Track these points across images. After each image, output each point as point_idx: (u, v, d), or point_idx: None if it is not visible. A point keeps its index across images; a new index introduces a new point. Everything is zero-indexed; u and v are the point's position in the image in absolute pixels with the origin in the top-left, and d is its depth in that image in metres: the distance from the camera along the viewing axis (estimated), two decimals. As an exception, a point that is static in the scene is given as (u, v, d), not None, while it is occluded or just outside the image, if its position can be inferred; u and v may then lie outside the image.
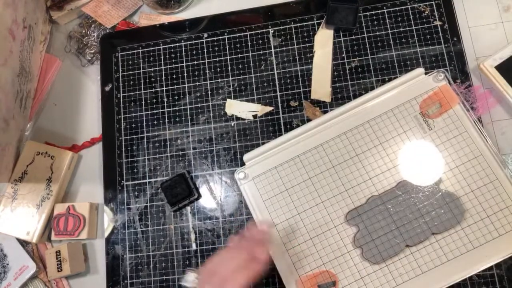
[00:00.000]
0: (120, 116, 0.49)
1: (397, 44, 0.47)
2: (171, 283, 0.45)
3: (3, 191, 0.48)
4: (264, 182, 0.43)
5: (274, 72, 0.48)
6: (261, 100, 0.48)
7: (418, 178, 0.41)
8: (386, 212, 0.41)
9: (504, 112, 0.45)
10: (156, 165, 0.48)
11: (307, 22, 0.49)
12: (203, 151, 0.47)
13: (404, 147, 0.42)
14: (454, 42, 0.46)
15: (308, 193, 0.42)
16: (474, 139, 0.41)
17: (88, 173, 0.50)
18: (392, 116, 0.43)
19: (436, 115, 0.42)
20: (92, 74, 0.53)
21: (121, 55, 0.51)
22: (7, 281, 0.47)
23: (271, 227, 0.42)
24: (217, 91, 0.49)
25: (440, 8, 0.47)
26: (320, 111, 0.46)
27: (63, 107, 0.52)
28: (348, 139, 0.43)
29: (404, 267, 0.40)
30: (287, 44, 0.49)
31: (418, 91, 0.43)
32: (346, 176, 0.42)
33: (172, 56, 0.50)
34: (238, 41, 0.49)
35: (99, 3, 0.53)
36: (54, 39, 0.55)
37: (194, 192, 0.46)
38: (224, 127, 0.48)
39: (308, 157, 0.43)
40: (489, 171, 0.41)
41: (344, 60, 0.47)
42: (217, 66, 0.49)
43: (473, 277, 0.41)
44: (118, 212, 0.47)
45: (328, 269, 0.41)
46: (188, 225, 0.46)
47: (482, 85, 0.45)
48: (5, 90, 0.44)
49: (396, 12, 0.47)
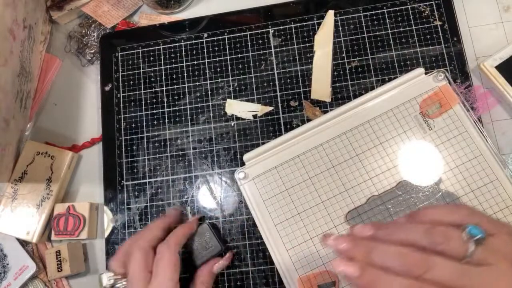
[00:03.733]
0: (120, 116, 0.49)
1: (397, 44, 0.47)
2: (171, 283, 0.44)
3: (3, 191, 0.48)
4: (264, 182, 0.43)
5: (274, 72, 0.48)
6: (261, 100, 0.48)
7: (418, 178, 0.41)
8: (386, 212, 0.41)
9: (504, 112, 0.45)
10: (156, 165, 0.48)
11: (307, 22, 0.49)
12: (203, 151, 0.47)
13: (404, 147, 0.42)
14: (454, 42, 0.46)
15: (308, 193, 0.42)
16: (474, 139, 0.41)
17: (88, 173, 0.50)
18: (392, 116, 0.43)
19: (436, 115, 0.42)
20: (92, 74, 0.53)
21: (121, 55, 0.51)
22: (7, 281, 0.47)
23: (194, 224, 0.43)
24: (217, 91, 0.49)
25: (440, 8, 0.47)
26: (320, 111, 0.46)
27: (63, 107, 0.52)
28: (348, 139, 0.43)
29: (404, 267, 0.40)
30: (287, 44, 0.49)
31: (418, 91, 0.43)
32: (346, 176, 0.42)
33: (172, 56, 0.50)
34: (238, 41, 0.49)
35: (99, 3, 0.53)
36: (54, 39, 0.55)
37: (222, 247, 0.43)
38: (224, 127, 0.48)
39: (308, 157, 0.43)
40: (489, 171, 0.41)
41: (344, 60, 0.47)
42: (217, 66, 0.49)
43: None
44: (118, 212, 0.47)
45: (328, 269, 0.41)
46: (188, 225, 0.46)
47: (482, 85, 0.45)
48: (5, 90, 0.44)
49: (396, 12, 0.47)
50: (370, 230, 0.30)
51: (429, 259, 0.26)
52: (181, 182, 0.47)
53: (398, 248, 0.27)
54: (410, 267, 0.26)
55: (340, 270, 0.28)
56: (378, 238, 0.29)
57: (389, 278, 0.26)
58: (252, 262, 0.44)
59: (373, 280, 0.27)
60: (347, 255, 0.29)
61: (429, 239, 0.27)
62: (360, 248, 0.28)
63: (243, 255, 0.44)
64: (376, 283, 0.26)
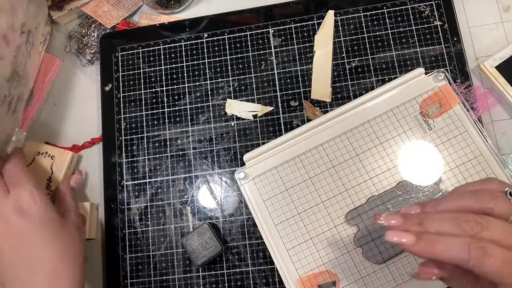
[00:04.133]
0: (120, 116, 0.49)
1: (397, 44, 0.47)
2: (171, 283, 0.45)
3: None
4: (264, 182, 0.43)
5: (274, 72, 0.48)
6: (261, 100, 0.48)
7: (418, 178, 0.41)
8: (386, 212, 0.41)
9: (504, 112, 0.45)
10: (156, 165, 0.48)
11: (307, 22, 0.49)
12: (203, 151, 0.47)
13: (404, 147, 0.42)
14: (454, 42, 0.46)
15: (308, 193, 0.43)
16: (474, 139, 0.41)
17: (88, 173, 0.50)
18: (392, 116, 0.43)
19: (436, 115, 0.42)
20: (92, 74, 0.53)
21: (121, 55, 0.51)
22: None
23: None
24: (217, 91, 0.49)
25: (440, 8, 0.47)
26: (320, 111, 0.46)
27: (63, 107, 0.52)
28: (348, 139, 0.43)
29: (404, 267, 0.40)
30: (287, 44, 0.49)
31: (418, 91, 0.43)
32: (346, 176, 0.42)
33: (172, 56, 0.50)
34: (238, 41, 0.49)
35: (99, 3, 0.53)
36: (54, 39, 0.55)
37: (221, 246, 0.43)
38: (224, 127, 0.48)
39: (308, 157, 0.43)
40: (489, 171, 0.41)
41: (344, 60, 0.47)
42: (217, 66, 0.49)
43: (473, 277, 0.41)
44: (118, 212, 0.47)
45: (328, 269, 0.41)
46: (188, 225, 0.46)
47: (482, 85, 0.45)
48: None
49: (396, 12, 0.47)
50: (417, 209, 0.30)
51: (483, 218, 0.26)
52: (181, 182, 0.47)
53: (450, 213, 0.27)
54: (465, 228, 0.26)
55: (395, 240, 0.27)
56: (426, 212, 0.29)
57: (448, 238, 0.26)
58: (252, 262, 0.44)
59: (431, 243, 0.26)
60: (400, 229, 0.28)
61: (477, 200, 0.27)
62: (413, 220, 0.28)
63: (243, 255, 0.44)
64: (435, 245, 0.26)
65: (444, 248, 0.26)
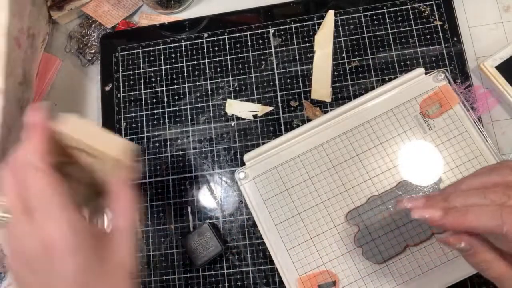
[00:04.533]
0: (120, 116, 0.49)
1: (397, 44, 0.47)
2: (171, 283, 0.45)
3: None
4: (264, 182, 0.43)
5: (274, 72, 0.48)
6: (261, 100, 0.48)
7: (418, 178, 0.41)
8: (386, 212, 0.41)
9: (504, 112, 0.45)
10: (156, 165, 0.48)
11: (307, 22, 0.49)
12: (203, 151, 0.47)
13: (404, 147, 0.42)
14: (454, 42, 0.46)
15: (308, 193, 0.43)
16: (474, 139, 0.41)
17: (88, 173, 0.50)
18: (392, 116, 0.43)
19: (436, 115, 0.43)
20: (92, 74, 0.53)
21: (121, 55, 0.51)
22: (8, 281, 0.47)
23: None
24: (217, 91, 0.49)
25: (440, 8, 0.47)
26: (320, 111, 0.46)
27: (63, 107, 0.52)
28: (348, 139, 0.43)
29: (405, 267, 0.40)
30: (287, 44, 0.49)
31: (418, 91, 0.43)
32: (346, 176, 0.42)
33: (172, 56, 0.50)
34: (238, 41, 0.49)
35: (99, 3, 0.53)
36: (54, 39, 0.55)
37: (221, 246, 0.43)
38: (224, 127, 0.48)
39: (308, 157, 0.43)
40: (489, 171, 0.41)
41: (344, 60, 0.47)
42: (217, 66, 0.49)
43: (473, 277, 0.41)
44: (118, 212, 0.47)
45: (328, 269, 0.41)
46: (188, 225, 0.46)
47: (482, 85, 0.45)
48: (10, 99, 0.44)
49: (396, 12, 0.47)
50: (438, 194, 0.30)
51: (507, 188, 0.27)
52: (181, 182, 0.47)
53: (474, 189, 0.28)
54: (493, 198, 0.26)
55: (423, 215, 0.27)
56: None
57: (478, 208, 0.26)
58: (252, 262, 0.44)
59: (461, 214, 0.26)
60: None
61: (498, 174, 0.28)
62: (437, 198, 0.28)
63: (243, 255, 0.44)
64: (465, 216, 0.26)
65: (475, 217, 0.26)
